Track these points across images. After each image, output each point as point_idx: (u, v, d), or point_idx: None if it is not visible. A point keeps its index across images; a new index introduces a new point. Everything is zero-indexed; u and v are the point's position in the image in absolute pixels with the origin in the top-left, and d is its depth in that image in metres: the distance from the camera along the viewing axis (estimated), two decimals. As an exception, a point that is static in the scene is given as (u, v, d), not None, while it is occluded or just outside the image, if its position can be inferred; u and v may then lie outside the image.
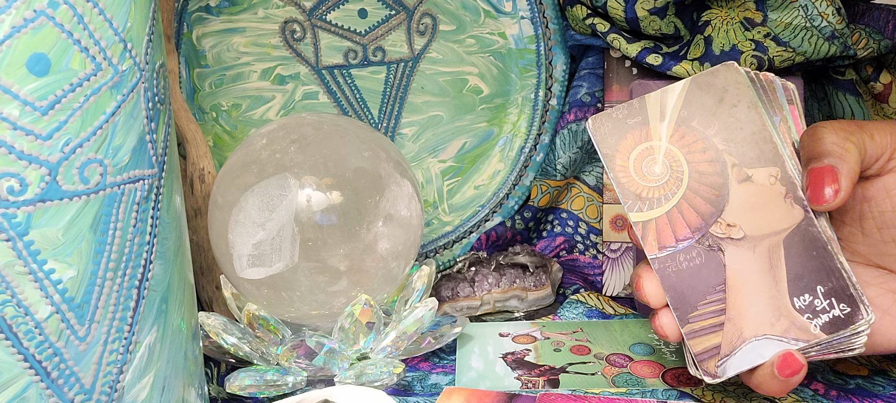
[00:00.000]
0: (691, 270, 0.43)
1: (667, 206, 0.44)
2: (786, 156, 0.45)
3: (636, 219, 0.44)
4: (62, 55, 0.33)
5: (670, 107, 0.46)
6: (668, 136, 0.45)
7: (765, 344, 0.42)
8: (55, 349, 0.34)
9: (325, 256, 0.51)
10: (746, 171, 0.44)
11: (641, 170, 0.45)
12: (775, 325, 0.42)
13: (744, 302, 0.42)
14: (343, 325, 0.51)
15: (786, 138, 0.46)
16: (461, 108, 0.69)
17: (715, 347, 0.42)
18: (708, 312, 0.42)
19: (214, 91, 0.66)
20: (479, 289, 0.62)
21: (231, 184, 0.52)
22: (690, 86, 0.46)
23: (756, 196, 0.44)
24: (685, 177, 0.44)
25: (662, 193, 0.44)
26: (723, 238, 0.43)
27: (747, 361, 0.42)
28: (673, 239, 0.43)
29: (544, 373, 0.52)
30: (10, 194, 0.32)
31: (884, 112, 0.65)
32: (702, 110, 0.45)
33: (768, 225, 0.43)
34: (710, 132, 0.45)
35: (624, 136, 0.45)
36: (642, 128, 0.45)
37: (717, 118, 0.45)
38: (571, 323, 0.59)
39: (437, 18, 0.67)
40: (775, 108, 0.47)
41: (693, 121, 0.45)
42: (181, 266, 0.40)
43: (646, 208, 0.44)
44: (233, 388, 0.49)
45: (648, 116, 0.46)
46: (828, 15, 0.59)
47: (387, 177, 0.53)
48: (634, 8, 0.61)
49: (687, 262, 0.43)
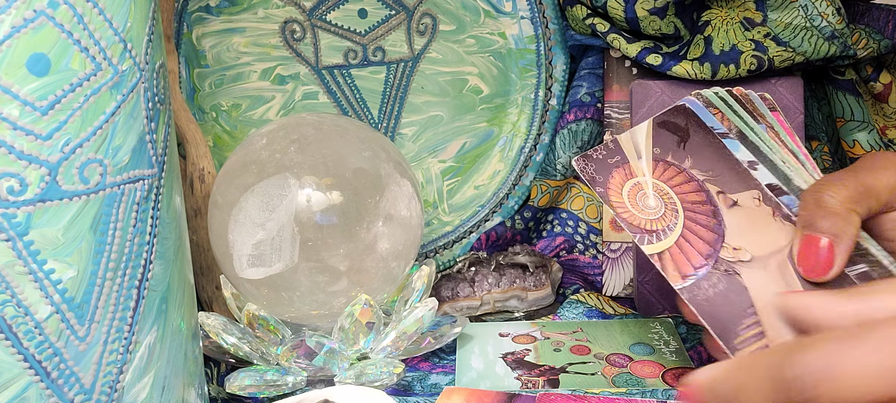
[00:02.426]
0: (718, 296, 0.42)
1: (673, 236, 0.44)
2: (777, 161, 0.45)
3: (651, 251, 0.44)
4: (62, 55, 0.33)
5: (642, 145, 0.46)
6: (650, 173, 0.45)
7: None
8: (55, 349, 0.34)
9: (325, 256, 0.51)
10: (731, 197, 0.44)
11: (637, 204, 0.45)
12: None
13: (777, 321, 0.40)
14: (343, 325, 0.51)
15: (776, 141, 0.46)
16: (461, 108, 0.69)
17: None
18: (750, 336, 0.41)
19: (214, 91, 0.66)
20: (479, 289, 0.62)
21: (231, 183, 0.52)
22: (653, 125, 0.46)
23: (748, 218, 0.44)
24: (679, 208, 0.44)
25: (664, 224, 0.44)
26: (734, 261, 0.43)
27: None
28: (691, 267, 0.43)
29: (544, 373, 0.52)
30: (10, 194, 0.32)
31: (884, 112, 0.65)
32: (671, 146, 0.46)
33: (769, 245, 0.43)
34: (686, 165, 0.45)
35: (611, 174, 0.46)
36: (625, 166, 0.46)
37: (686, 152, 0.46)
38: (571, 323, 0.59)
39: (437, 18, 0.67)
40: (757, 117, 0.47)
41: (667, 156, 0.46)
42: (181, 266, 0.40)
43: (655, 240, 0.44)
44: (233, 388, 0.49)
45: (626, 155, 0.46)
46: (828, 15, 0.59)
47: (387, 177, 0.53)
48: (634, 8, 0.61)
49: (712, 289, 0.42)
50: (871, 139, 0.63)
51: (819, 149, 0.66)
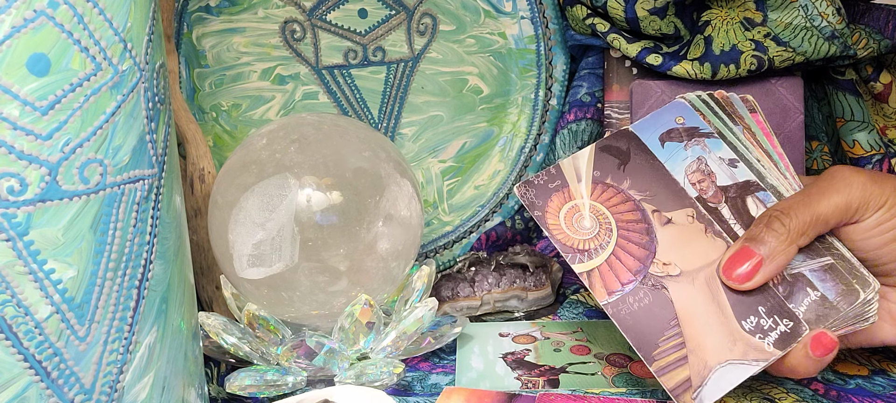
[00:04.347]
0: (643, 310, 0.45)
1: (604, 255, 0.47)
2: (753, 160, 0.49)
3: (581, 270, 0.47)
4: (62, 55, 0.33)
5: (583, 169, 0.49)
6: (588, 195, 0.48)
7: (731, 370, 0.43)
8: (55, 349, 0.34)
9: (325, 256, 0.51)
10: (666, 215, 0.48)
11: (573, 225, 0.48)
12: (733, 349, 0.43)
13: (699, 333, 0.44)
14: (343, 325, 0.51)
15: (752, 142, 0.50)
16: (461, 108, 0.69)
17: (686, 380, 0.43)
18: (669, 347, 0.44)
19: (214, 91, 0.66)
20: (479, 289, 0.62)
21: (231, 183, 0.52)
22: (596, 150, 0.50)
23: (680, 235, 0.47)
24: (613, 227, 0.47)
25: (597, 243, 0.47)
26: (662, 276, 0.46)
27: (720, 389, 0.42)
28: (618, 283, 0.46)
29: (544, 373, 0.52)
30: (10, 194, 0.32)
31: (884, 112, 0.65)
32: (611, 169, 0.49)
33: (699, 259, 0.46)
34: (624, 186, 0.49)
35: (549, 199, 0.49)
36: (564, 190, 0.49)
37: (626, 174, 0.49)
38: (571, 323, 0.59)
39: (437, 18, 0.67)
40: (736, 119, 0.51)
41: (607, 178, 0.49)
42: (181, 266, 0.40)
43: (586, 258, 0.47)
44: (233, 388, 0.49)
45: (566, 179, 0.49)
46: (828, 15, 0.59)
47: (387, 177, 0.53)
48: (634, 8, 0.61)
49: (637, 303, 0.45)
50: (871, 139, 0.63)
51: (819, 149, 0.66)
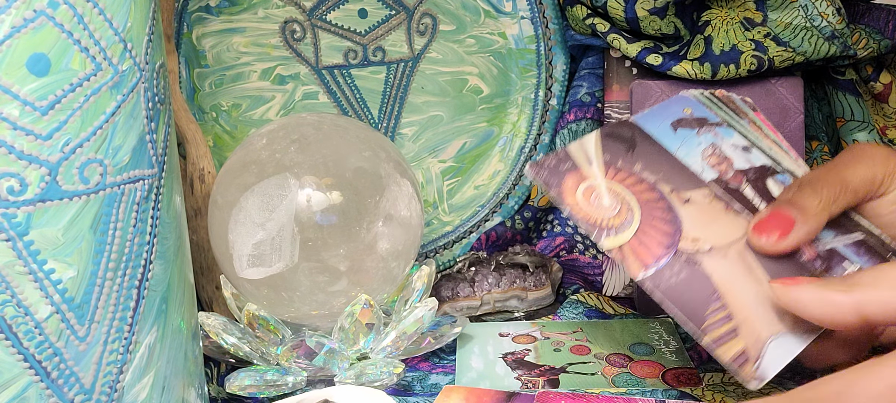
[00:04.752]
0: (682, 283, 0.43)
1: (632, 231, 0.45)
2: (765, 148, 0.48)
3: (610, 245, 0.44)
4: (62, 55, 0.33)
5: (592, 153, 0.47)
6: (603, 175, 0.46)
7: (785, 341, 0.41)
8: (55, 349, 0.34)
9: (325, 256, 0.51)
10: (684, 195, 0.46)
11: (592, 203, 0.45)
12: (784, 321, 0.41)
13: (744, 306, 0.42)
14: (343, 325, 0.51)
15: (759, 134, 0.49)
16: (461, 108, 0.69)
17: (742, 352, 0.41)
18: (717, 320, 0.42)
19: (214, 91, 0.66)
20: (479, 289, 0.62)
21: (231, 183, 0.52)
22: (602, 136, 0.48)
23: (702, 213, 0.45)
24: (635, 204, 0.45)
25: (621, 220, 0.45)
26: (694, 252, 0.44)
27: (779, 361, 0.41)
28: (652, 257, 0.44)
29: (544, 373, 0.52)
30: (10, 194, 0.32)
31: (884, 112, 0.65)
32: (620, 153, 0.47)
33: (726, 235, 0.44)
34: (636, 169, 0.47)
35: (563, 179, 0.46)
36: (576, 171, 0.47)
37: (636, 157, 0.47)
38: (571, 323, 0.59)
39: (437, 18, 0.67)
40: (740, 115, 0.50)
41: (617, 162, 0.47)
42: (181, 266, 0.40)
43: (613, 234, 0.44)
44: (233, 388, 0.49)
45: (577, 162, 0.47)
46: (828, 15, 0.59)
47: (387, 177, 0.53)
48: (634, 8, 0.61)
49: (674, 277, 0.43)
50: (871, 139, 0.63)
51: (819, 149, 0.66)
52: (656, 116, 0.50)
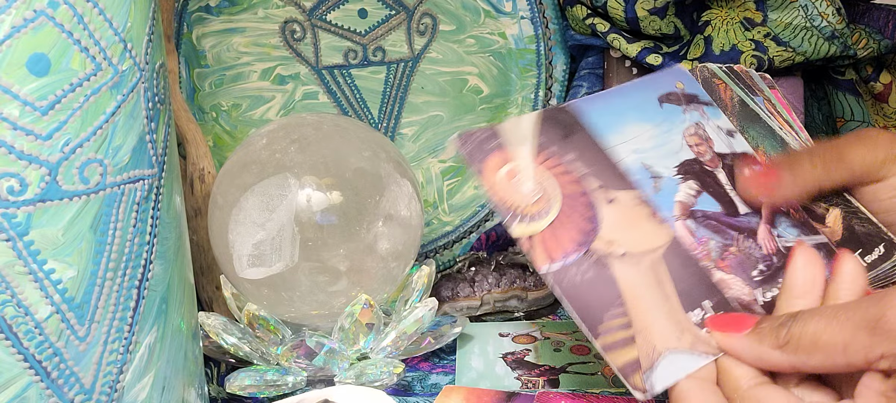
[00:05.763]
0: (586, 283, 0.42)
1: (546, 221, 0.43)
2: (775, 127, 0.48)
3: (520, 233, 0.43)
4: (62, 55, 0.33)
5: (527, 132, 0.46)
6: (531, 159, 0.45)
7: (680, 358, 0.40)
8: (55, 349, 0.34)
9: (325, 256, 0.51)
10: (611, 193, 0.44)
11: (511, 186, 0.44)
12: (682, 339, 0.41)
13: (645, 316, 0.41)
14: (343, 325, 0.51)
15: (772, 111, 0.48)
16: (461, 108, 0.69)
17: (634, 361, 0.40)
18: (615, 326, 0.41)
19: (214, 91, 0.66)
20: (479, 289, 0.62)
21: (231, 183, 0.52)
22: (543, 117, 0.46)
23: (624, 215, 0.44)
24: (557, 194, 0.44)
25: (538, 209, 0.43)
26: (606, 254, 0.42)
27: (670, 375, 0.40)
28: (561, 251, 0.42)
29: (544, 373, 0.52)
30: (10, 194, 0.32)
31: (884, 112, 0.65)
32: (556, 139, 0.46)
33: (644, 243, 0.43)
34: (569, 158, 0.45)
35: (487, 157, 0.45)
36: (501, 151, 0.45)
37: (571, 146, 0.46)
38: (571, 323, 0.59)
39: (437, 18, 0.67)
40: (755, 90, 0.49)
41: (552, 146, 0.45)
42: (181, 266, 0.40)
43: (526, 221, 0.43)
44: (233, 388, 0.49)
45: (505, 142, 0.45)
46: (828, 15, 0.59)
47: (387, 177, 0.53)
48: (634, 8, 0.62)
49: (580, 276, 0.42)
50: (871, 139, 0.63)
51: (819, 149, 0.66)
52: (649, 86, 0.49)
